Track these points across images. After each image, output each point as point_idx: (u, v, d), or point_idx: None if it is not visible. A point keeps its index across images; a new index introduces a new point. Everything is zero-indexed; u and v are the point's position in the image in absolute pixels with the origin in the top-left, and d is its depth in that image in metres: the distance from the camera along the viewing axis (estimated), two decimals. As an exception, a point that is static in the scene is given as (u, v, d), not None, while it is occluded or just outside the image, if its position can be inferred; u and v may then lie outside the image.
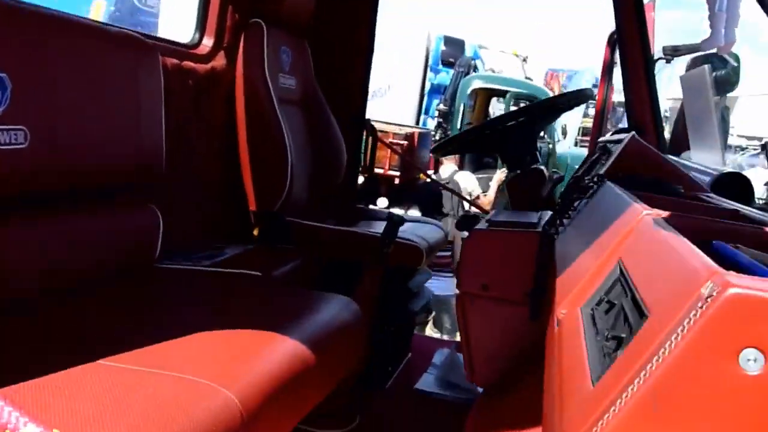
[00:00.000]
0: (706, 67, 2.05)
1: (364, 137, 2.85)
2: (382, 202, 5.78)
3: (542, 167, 2.11)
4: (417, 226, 2.46)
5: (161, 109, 1.75)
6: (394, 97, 8.24)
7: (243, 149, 2.23)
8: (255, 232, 2.23)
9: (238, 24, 2.25)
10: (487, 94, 7.56)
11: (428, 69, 9.28)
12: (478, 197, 6.15)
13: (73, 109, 1.46)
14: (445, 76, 9.57)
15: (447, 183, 5.89)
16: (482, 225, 1.54)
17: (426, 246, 2.18)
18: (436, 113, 6.88)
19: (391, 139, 6.20)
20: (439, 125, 6.76)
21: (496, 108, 8.03)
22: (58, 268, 1.44)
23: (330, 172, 2.57)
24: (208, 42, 2.19)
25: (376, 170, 5.37)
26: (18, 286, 1.34)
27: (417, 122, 9.01)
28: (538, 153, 2.21)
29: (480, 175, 6.46)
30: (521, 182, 2.11)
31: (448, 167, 6.06)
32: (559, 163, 6.64)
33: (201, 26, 2.18)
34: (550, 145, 6.59)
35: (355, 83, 2.79)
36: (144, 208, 1.72)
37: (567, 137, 7.50)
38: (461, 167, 6.39)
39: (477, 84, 6.95)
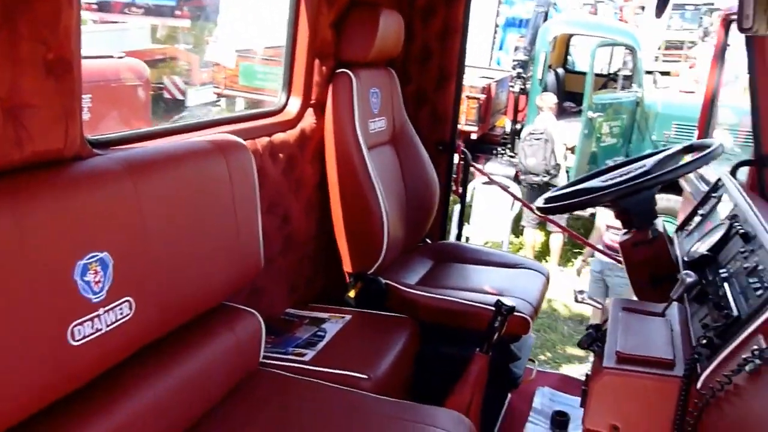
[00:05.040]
0: None
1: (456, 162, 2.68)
2: None
3: (664, 231, 1.92)
4: (515, 275, 2.32)
5: (257, 205, 1.66)
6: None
7: (336, 210, 2.13)
8: (351, 294, 2.16)
9: (325, 78, 2.09)
10: (566, 36, 7.05)
11: (501, 0, 8.73)
12: (573, 149, 5.81)
13: (173, 257, 1.38)
14: (521, 9, 8.98)
15: (541, 134, 5.57)
16: (612, 359, 1.41)
17: (531, 311, 2.06)
18: (514, 63, 6.46)
19: (468, 93, 5.91)
20: (518, 75, 6.36)
21: (579, 51, 7.51)
22: (174, 414, 1.42)
23: (423, 209, 2.44)
24: (295, 102, 2.05)
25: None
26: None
27: (490, 59, 8.57)
28: (654, 207, 2.01)
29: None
30: (639, 247, 1.93)
31: (544, 117, 5.69)
32: (648, 112, 6.19)
33: (287, 86, 2.04)
34: (639, 94, 6.14)
35: (446, 106, 2.59)
36: (245, 318, 1.66)
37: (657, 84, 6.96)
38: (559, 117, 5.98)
39: (559, 29, 6.46)
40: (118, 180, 1.27)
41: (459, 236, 2.90)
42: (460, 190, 2.71)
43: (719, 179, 2.19)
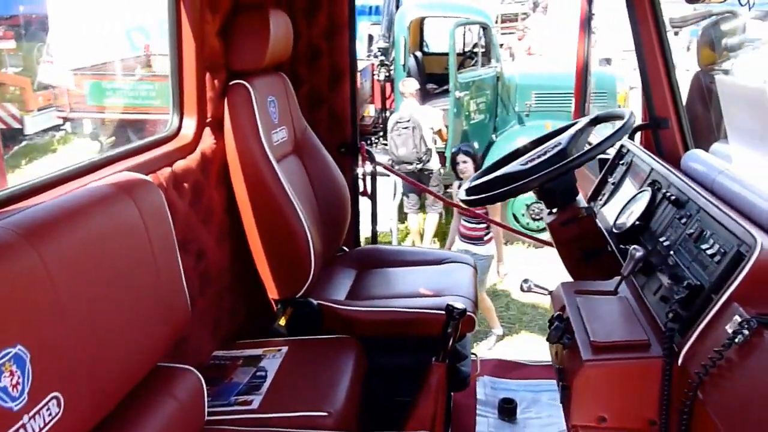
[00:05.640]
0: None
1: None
2: None
3: (590, 209, 1.92)
4: (444, 271, 2.25)
5: (175, 247, 1.45)
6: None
7: (252, 234, 1.94)
8: (282, 322, 1.98)
9: (219, 92, 1.89)
10: (420, 19, 7.12)
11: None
12: (440, 132, 5.87)
13: (98, 330, 1.16)
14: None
15: (408, 122, 5.57)
16: (588, 350, 1.36)
17: (473, 306, 2.00)
18: (377, 51, 6.43)
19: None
20: (382, 63, 6.33)
21: (432, 32, 7.61)
22: None
23: (338, 217, 2.30)
24: (190, 123, 1.83)
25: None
26: None
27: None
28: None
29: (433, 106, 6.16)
30: (568, 226, 1.92)
31: (408, 103, 5.68)
32: (509, 85, 6.40)
33: (178, 106, 1.81)
34: (498, 69, 6.32)
35: (343, 105, 2.46)
36: (182, 377, 1.45)
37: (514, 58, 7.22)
38: (424, 100, 6.00)
39: (416, 13, 6.49)
40: (17, 251, 1.03)
41: (375, 239, 2.78)
42: (369, 191, 2.59)
43: (622, 146, 2.23)
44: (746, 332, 1.13)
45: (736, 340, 1.13)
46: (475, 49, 6.71)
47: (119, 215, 1.28)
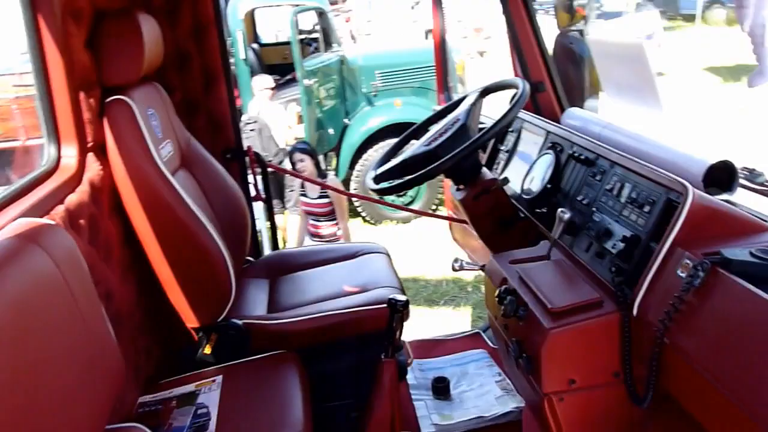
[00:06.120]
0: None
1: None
2: None
3: (506, 179, 1.95)
4: (362, 263, 2.20)
5: (95, 294, 1.28)
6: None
7: (159, 262, 1.76)
8: (208, 350, 1.83)
9: (96, 112, 1.67)
10: (251, 11, 6.88)
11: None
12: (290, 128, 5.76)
13: (29, 411, 0.98)
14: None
15: (255, 123, 5.39)
16: (549, 319, 1.38)
17: (402, 293, 1.97)
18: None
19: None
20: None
21: (263, 23, 7.40)
22: None
23: (240, 228, 2.16)
24: (70, 151, 1.60)
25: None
26: None
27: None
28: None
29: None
30: (480, 199, 1.94)
31: (255, 102, 5.48)
32: (353, 67, 6.38)
33: (53, 133, 1.58)
34: (341, 53, 6.29)
35: (221, 110, 2.30)
36: None
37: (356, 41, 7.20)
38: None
39: (249, 5, 6.25)
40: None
41: (276, 245, 2.65)
42: (263, 195, 2.46)
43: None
44: (701, 274, 1.20)
45: (695, 282, 1.20)
46: (314, 35, 6.64)
47: (32, 268, 1.09)
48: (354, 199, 5.93)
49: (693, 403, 1.19)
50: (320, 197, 4.08)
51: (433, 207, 5.93)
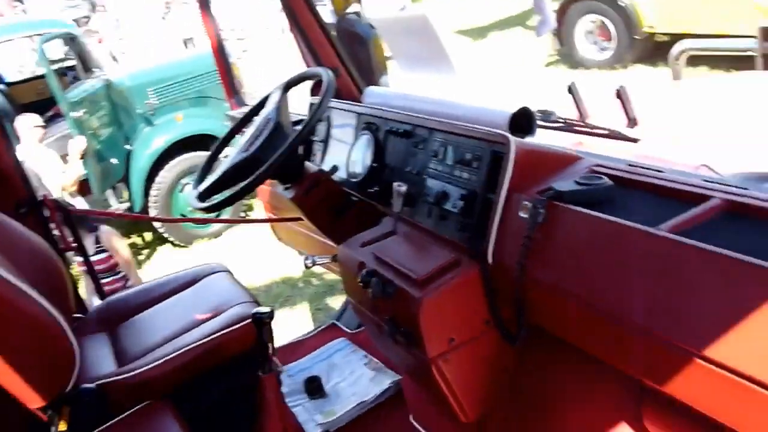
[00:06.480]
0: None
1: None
2: None
3: (335, 167, 1.95)
4: (206, 286, 2.10)
5: None
6: None
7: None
8: (63, 427, 1.62)
9: None
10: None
11: None
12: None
13: None
14: None
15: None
16: (418, 288, 1.43)
17: (258, 305, 1.91)
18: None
19: None
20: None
21: (5, 60, 6.60)
22: None
23: (59, 284, 1.93)
24: None
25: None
26: None
27: None
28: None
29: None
30: (311, 193, 1.94)
31: (21, 148, 4.83)
32: (121, 89, 5.92)
33: None
34: (105, 76, 5.82)
35: (2, 161, 2.03)
36: None
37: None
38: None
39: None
40: None
41: (103, 293, 2.40)
42: (72, 243, 2.22)
43: (312, 104, 2.31)
44: (542, 211, 1.32)
45: (539, 219, 1.32)
46: (68, 63, 6.06)
47: None
48: (158, 225, 5.62)
49: (562, 329, 1.32)
50: (97, 252, 3.78)
51: (242, 214, 5.81)
